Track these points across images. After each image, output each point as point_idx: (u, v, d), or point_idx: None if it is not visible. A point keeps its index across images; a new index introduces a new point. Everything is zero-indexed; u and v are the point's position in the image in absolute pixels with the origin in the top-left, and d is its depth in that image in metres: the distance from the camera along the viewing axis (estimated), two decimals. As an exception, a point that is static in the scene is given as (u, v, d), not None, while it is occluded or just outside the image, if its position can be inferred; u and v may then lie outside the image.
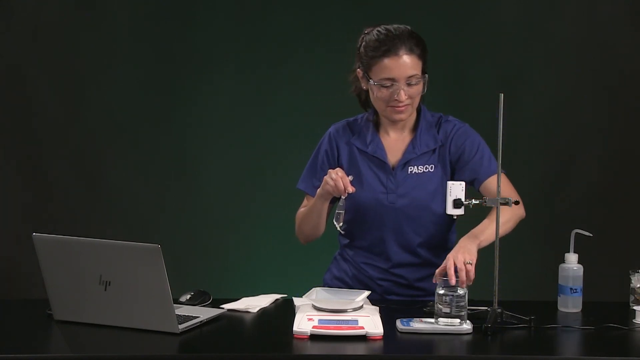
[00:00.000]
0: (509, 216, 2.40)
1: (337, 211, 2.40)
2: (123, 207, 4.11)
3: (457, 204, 2.21)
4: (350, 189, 2.36)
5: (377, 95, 2.43)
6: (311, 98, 4.00)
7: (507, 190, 2.43)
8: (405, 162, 2.50)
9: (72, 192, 4.09)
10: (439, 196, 2.46)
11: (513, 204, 2.22)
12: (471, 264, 2.21)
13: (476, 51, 4.05)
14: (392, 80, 2.39)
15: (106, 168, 4.10)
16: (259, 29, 4.07)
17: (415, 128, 2.53)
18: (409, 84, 2.40)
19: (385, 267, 2.53)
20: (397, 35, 2.40)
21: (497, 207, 2.19)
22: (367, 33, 2.46)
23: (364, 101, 2.57)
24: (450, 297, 2.07)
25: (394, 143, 2.53)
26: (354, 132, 2.57)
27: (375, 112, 2.54)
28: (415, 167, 2.50)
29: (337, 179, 2.36)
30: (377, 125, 2.55)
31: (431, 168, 2.50)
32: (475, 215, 2.36)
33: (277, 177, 3.99)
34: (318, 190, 2.46)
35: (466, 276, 2.18)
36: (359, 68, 2.48)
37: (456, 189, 2.21)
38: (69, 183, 4.09)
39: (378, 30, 2.43)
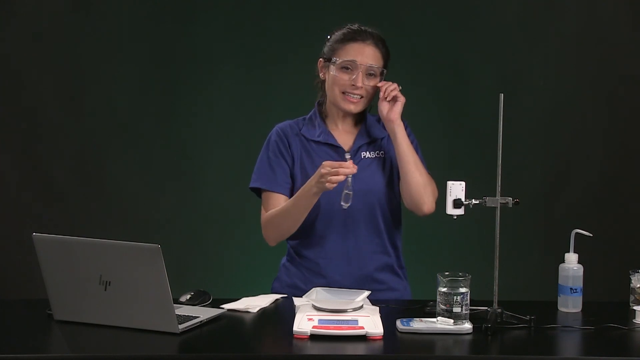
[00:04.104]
0: (432, 186, 2.52)
1: (345, 192, 2.36)
2: (123, 207, 4.11)
3: (457, 204, 2.21)
4: (354, 168, 2.31)
5: (336, 78, 2.51)
6: (311, 98, 3.99)
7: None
8: (358, 147, 2.56)
9: (72, 192, 4.09)
10: (396, 179, 2.55)
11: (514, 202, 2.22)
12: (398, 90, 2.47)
13: (476, 51, 4.05)
14: (354, 63, 2.48)
15: (106, 168, 4.10)
16: (259, 29, 4.07)
17: (360, 122, 2.61)
18: (367, 75, 2.49)
19: (342, 255, 2.52)
20: (366, 30, 2.54)
21: (497, 207, 2.19)
22: (337, 29, 2.58)
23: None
24: (460, 296, 2.06)
25: (343, 134, 2.60)
26: (300, 127, 2.62)
27: (320, 107, 2.62)
28: (368, 152, 2.57)
29: (334, 169, 2.30)
30: (324, 120, 2.62)
31: (381, 155, 2.58)
32: (476, 215, 2.36)
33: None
34: (310, 188, 2.38)
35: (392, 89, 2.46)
36: (321, 58, 2.58)
37: (456, 189, 2.21)
38: (69, 183, 4.09)
39: (349, 26, 2.56)
